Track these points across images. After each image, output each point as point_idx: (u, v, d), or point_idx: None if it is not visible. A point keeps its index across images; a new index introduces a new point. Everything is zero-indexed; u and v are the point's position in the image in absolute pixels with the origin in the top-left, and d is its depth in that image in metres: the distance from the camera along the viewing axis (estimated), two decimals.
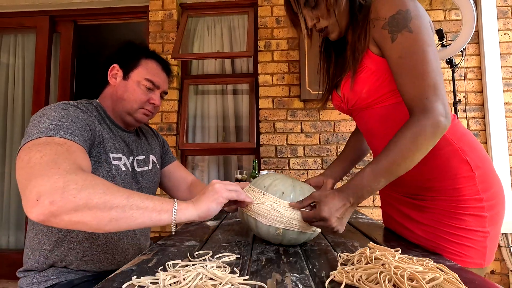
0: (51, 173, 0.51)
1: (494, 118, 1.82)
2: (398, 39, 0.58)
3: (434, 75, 0.55)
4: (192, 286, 0.41)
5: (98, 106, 0.84)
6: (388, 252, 0.49)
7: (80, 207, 0.50)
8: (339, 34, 0.69)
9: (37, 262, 0.74)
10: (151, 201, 0.55)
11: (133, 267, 0.52)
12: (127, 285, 0.43)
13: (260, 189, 0.65)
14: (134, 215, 0.53)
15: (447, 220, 0.62)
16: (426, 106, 0.55)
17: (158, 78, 0.86)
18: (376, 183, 0.57)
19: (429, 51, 0.56)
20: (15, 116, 2.20)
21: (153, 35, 2.04)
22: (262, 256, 0.59)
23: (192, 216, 0.58)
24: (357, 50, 0.64)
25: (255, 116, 1.98)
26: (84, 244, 0.76)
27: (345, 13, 0.66)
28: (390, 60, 0.60)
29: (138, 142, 0.93)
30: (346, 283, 0.43)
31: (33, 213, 0.49)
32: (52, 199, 0.48)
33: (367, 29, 0.63)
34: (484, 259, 0.60)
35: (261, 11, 2.02)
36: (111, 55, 0.87)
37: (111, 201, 0.52)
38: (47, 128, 0.62)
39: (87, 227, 0.52)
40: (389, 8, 0.59)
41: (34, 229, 0.77)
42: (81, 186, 0.51)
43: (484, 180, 0.62)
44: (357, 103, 0.69)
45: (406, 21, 0.57)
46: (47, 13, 2.13)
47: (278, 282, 0.45)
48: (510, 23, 1.89)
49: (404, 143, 0.55)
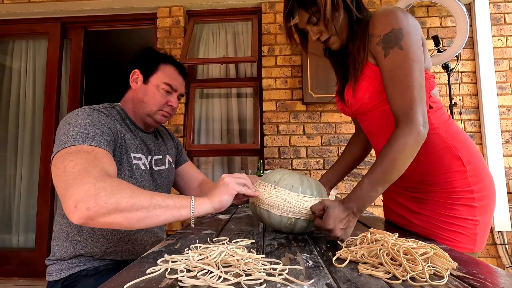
0: (83, 182, 0.59)
1: (488, 120, 1.89)
2: (390, 55, 0.65)
3: (418, 89, 0.63)
4: (218, 260, 0.48)
5: (120, 109, 0.90)
6: (387, 234, 0.56)
7: (112, 211, 0.57)
8: (341, 45, 0.77)
9: (66, 253, 0.81)
10: (171, 199, 0.62)
11: (162, 248, 0.59)
12: (161, 260, 0.50)
13: (271, 183, 0.71)
14: (158, 214, 0.60)
15: (442, 210, 0.69)
16: (410, 116, 0.63)
17: (175, 81, 0.93)
18: (374, 192, 0.63)
19: (415, 67, 0.64)
20: (26, 119, 2.27)
21: (160, 40, 2.12)
22: (274, 241, 0.65)
23: (208, 209, 0.65)
24: (357, 61, 0.71)
25: (259, 119, 2.06)
26: (108, 237, 0.83)
27: (345, 26, 0.74)
28: (382, 73, 0.68)
29: (156, 143, 0.99)
30: (350, 259, 0.50)
31: (74, 218, 0.57)
32: (88, 206, 0.56)
33: (365, 42, 0.70)
34: (475, 245, 0.67)
35: (265, 18, 2.11)
36: (132, 61, 0.94)
37: (137, 203, 0.59)
38: (75, 136, 0.69)
39: (120, 226, 0.59)
40: (384, 26, 0.66)
41: (61, 222, 0.83)
42: (110, 192, 0.58)
43: (475, 174, 0.69)
44: (361, 108, 0.76)
45: (397, 39, 0.65)
46: (58, 20, 2.21)
47: (291, 260, 0.52)
48: (503, 30, 1.98)
49: (393, 154, 0.62)
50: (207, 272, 0.45)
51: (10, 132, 2.29)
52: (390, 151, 0.63)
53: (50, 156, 2.08)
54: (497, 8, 1.99)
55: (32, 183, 2.23)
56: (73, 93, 2.20)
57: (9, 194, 2.27)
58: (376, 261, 0.47)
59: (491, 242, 1.85)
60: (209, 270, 0.45)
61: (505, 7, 1.99)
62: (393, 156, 0.62)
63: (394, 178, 0.64)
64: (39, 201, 2.11)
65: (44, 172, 2.12)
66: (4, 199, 2.27)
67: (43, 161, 2.13)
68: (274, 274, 0.44)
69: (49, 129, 2.14)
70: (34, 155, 2.25)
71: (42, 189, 2.11)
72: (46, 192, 2.11)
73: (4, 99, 2.32)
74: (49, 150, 2.13)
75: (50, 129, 2.14)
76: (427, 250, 0.47)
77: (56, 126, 2.16)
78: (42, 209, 2.09)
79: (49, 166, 2.10)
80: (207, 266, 0.46)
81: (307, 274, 0.45)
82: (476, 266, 0.48)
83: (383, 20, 0.67)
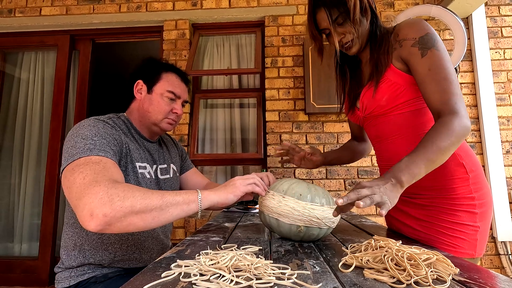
0: (95, 191, 0.61)
1: (489, 130, 1.92)
2: (428, 55, 0.69)
3: (458, 87, 0.66)
4: (229, 265, 0.50)
5: (125, 119, 0.93)
6: (390, 240, 0.58)
7: (128, 214, 0.60)
8: (359, 49, 0.80)
9: (75, 261, 0.82)
10: (180, 196, 0.67)
11: (173, 254, 0.61)
12: (174, 265, 0.52)
13: (279, 193, 0.74)
14: (170, 211, 0.65)
15: (444, 216, 0.71)
16: (456, 109, 0.64)
17: (178, 89, 0.95)
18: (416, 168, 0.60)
19: (451, 68, 0.68)
20: (32, 129, 2.31)
21: (166, 52, 2.18)
22: (281, 248, 0.67)
23: (213, 200, 0.71)
24: (381, 64, 0.75)
25: (262, 128, 2.09)
26: (116, 245, 0.84)
27: (366, 32, 0.78)
28: (420, 72, 0.69)
29: (160, 152, 1.01)
30: (356, 265, 0.52)
31: (91, 225, 0.59)
32: (104, 212, 0.58)
33: (389, 48, 0.74)
34: (475, 250, 0.69)
35: (268, 31, 2.17)
36: (135, 72, 0.96)
37: (150, 204, 0.63)
38: (83, 148, 0.71)
39: (137, 227, 0.62)
40: (418, 30, 0.71)
41: (69, 231, 0.85)
42: (123, 197, 0.61)
43: (476, 182, 0.72)
44: (375, 110, 0.79)
45: (434, 42, 0.69)
46: (68, 32, 2.28)
47: (298, 265, 0.54)
48: (500, 42, 2.03)
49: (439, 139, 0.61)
50: (219, 276, 0.47)
51: (16, 141, 2.33)
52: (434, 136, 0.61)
53: (56, 165, 2.13)
54: (494, 22, 2.05)
55: (37, 192, 2.26)
56: (80, 103, 2.24)
57: (13, 203, 2.28)
58: (381, 266, 0.49)
59: (495, 253, 1.85)
60: (221, 274, 0.47)
61: (501, 21, 2.05)
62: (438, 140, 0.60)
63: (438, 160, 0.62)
64: (44, 210, 2.12)
65: (50, 181, 2.15)
66: (8, 207, 2.29)
67: (48, 170, 2.16)
68: (283, 278, 0.46)
69: (56, 138, 2.18)
70: (39, 165, 2.28)
71: (47, 198, 2.13)
72: (51, 201, 2.12)
73: (12, 109, 2.37)
74: (55, 159, 2.16)
75: (56, 137, 2.18)
76: (430, 256, 0.49)
77: (63, 135, 2.20)
78: (47, 218, 2.11)
79: (54, 175, 2.14)
80: (219, 270, 0.48)
81: (315, 278, 0.47)
82: (477, 271, 0.50)
83: (415, 26, 0.72)
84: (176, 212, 0.66)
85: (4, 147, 2.35)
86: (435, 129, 0.63)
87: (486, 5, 2.06)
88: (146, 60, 0.99)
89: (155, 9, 2.23)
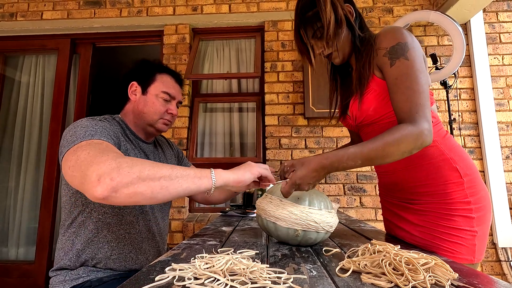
0: (103, 159, 0.60)
1: (488, 136, 1.91)
2: (396, 64, 0.69)
3: (423, 96, 0.65)
4: (224, 268, 0.49)
5: (120, 120, 0.93)
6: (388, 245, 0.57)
7: (135, 179, 0.58)
8: (342, 60, 0.80)
9: (70, 261, 0.82)
10: (191, 170, 0.65)
11: (168, 258, 0.60)
12: (169, 268, 0.51)
13: (277, 196, 0.73)
14: (180, 182, 0.62)
15: (440, 221, 0.70)
16: (415, 119, 0.63)
17: (173, 89, 0.95)
18: (353, 162, 0.63)
19: (421, 77, 0.67)
20: (32, 133, 2.30)
21: (166, 56, 2.19)
22: (278, 252, 0.67)
23: (228, 179, 0.68)
24: (363, 76, 0.75)
25: (261, 133, 2.09)
26: (112, 244, 0.84)
27: (348, 43, 0.78)
28: (388, 81, 0.70)
29: (155, 153, 1.01)
30: (353, 269, 0.51)
31: (98, 191, 0.56)
32: (111, 176, 0.56)
33: (371, 58, 0.74)
34: (474, 256, 0.68)
35: (268, 36, 2.18)
36: (129, 74, 0.97)
37: (159, 172, 0.60)
38: (84, 134, 0.71)
39: (143, 197, 0.59)
40: (390, 40, 0.70)
41: (66, 233, 0.85)
42: (131, 164, 0.59)
43: (472, 186, 0.71)
44: (365, 120, 0.79)
45: (403, 51, 0.68)
46: (68, 36, 2.30)
47: (295, 269, 0.53)
48: (499, 48, 2.04)
49: (389, 140, 0.62)
50: (214, 280, 0.46)
51: (15, 144, 2.32)
52: (388, 135, 0.62)
53: (54, 168, 2.12)
54: (492, 28, 2.06)
55: (34, 196, 2.24)
56: (79, 107, 2.25)
57: (9, 206, 2.27)
58: (378, 271, 0.48)
59: (495, 259, 1.83)
60: (216, 278, 0.46)
61: (500, 27, 2.06)
62: (388, 141, 0.62)
63: (378, 162, 0.64)
64: (42, 214, 2.11)
65: (48, 185, 2.14)
66: (4, 211, 2.27)
67: (47, 173, 2.15)
68: (279, 283, 0.45)
69: (55, 140, 2.18)
70: (37, 168, 2.27)
71: (45, 201, 2.12)
72: (49, 204, 2.11)
73: (11, 112, 2.37)
74: (54, 162, 2.15)
75: (56, 139, 2.18)
76: (428, 261, 0.49)
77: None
78: (44, 221, 2.09)
79: (53, 178, 2.13)
80: (214, 274, 0.47)
81: (311, 283, 0.46)
82: (476, 277, 0.50)
83: (388, 35, 0.71)
84: (186, 184, 0.62)
85: (2, 150, 2.34)
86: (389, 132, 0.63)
87: (484, 11, 2.08)
88: (139, 61, 0.99)
89: (156, 13, 2.25)
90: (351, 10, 0.77)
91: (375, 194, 1.95)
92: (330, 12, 0.72)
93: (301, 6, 0.76)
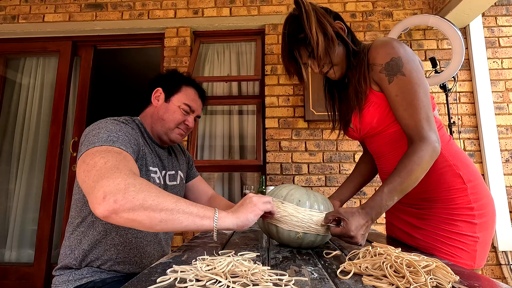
0: (114, 176, 0.60)
1: (487, 139, 1.92)
2: (394, 81, 0.69)
3: (425, 109, 0.67)
4: (226, 270, 0.49)
5: (139, 123, 0.94)
6: (389, 247, 0.57)
7: (138, 207, 0.57)
8: (340, 75, 0.81)
9: (76, 260, 0.82)
10: (195, 207, 0.62)
11: (170, 259, 0.60)
12: (170, 270, 0.51)
13: (278, 198, 0.73)
14: (180, 219, 0.60)
15: (443, 225, 0.70)
16: (423, 135, 0.66)
17: (195, 103, 0.98)
18: (391, 201, 0.67)
19: (420, 90, 0.68)
20: (32, 135, 2.30)
21: (167, 59, 2.19)
22: (279, 254, 0.67)
23: (231, 225, 0.64)
24: (359, 92, 0.75)
25: (261, 135, 2.09)
26: (119, 247, 0.84)
27: (343, 58, 0.78)
28: (389, 98, 0.72)
29: (169, 159, 1.02)
30: (354, 272, 0.51)
31: (99, 209, 0.57)
32: (116, 198, 0.56)
33: (365, 73, 0.74)
34: (474, 261, 0.68)
35: (268, 39, 2.19)
36: (156, 79, 0.99)
37: (162, 204, 0.59)
38: (106, 138, 0.72)
39: (141, 225, 0.58)
40: (383, 56, 0.71)
41: (75, 232, 0.84)
42: (139, 189, 0.59)
43: (475, 192, 0.71)
44: (369, 132, 0.79)
45: (399, 67, 0.69)
46: (70, 39, 2.31)
47: (296, 272, 0.53)
48: (498, 52, 2.05)
49: (411, 166, 0.66)
50: (216, 281, 0.46)
51: (15, 147, 2.32)
52: (408, 163, 0.66)
53: (54, 170, 2.12)
54: (491, 32, 2.08)
55: (33, 198, 2.24)
56: (80, 109, 2.25)
57: (9, 208, 2.26)
58: (379, 273, 0.48)
59: (496, 263, 1.83)
60: (218, 280, 0.46)
61: (498, 31, 2.07)
62: (410, 168, 0.65)
63: (409, 189, 0.67)
64: (41, 216, 2.10)
65: (48, 187, 2.13)
66: (4, 213, 2.26)
67: (47, 175, 2.15)
68: (280, 285, 0.45)
69: (55, 143, 2.18)
70: (37, 170, 2.27)
71: (44, 204, 2.11)
72: (48, 206, 2.11)
73: (12, 114, 2.37)
74: (54, 165, 2.15)
75: (56, 142, 2.18)
76: (429, 263, 0.49)
77: (62, 140, 2.20)
78: (44, 224, 2.09)
79: (52, 180, 2.13)
80: (215, 276, 0.47)
81: (312, 285, 0.46)
82: (477, 279, 0.50)
83: (381, 51, 0.72)
84: (186, 222, 0.60)
85: (3, 152, 2.34)
86: (407, 158, 0.67)
87: (483, 15, 2.09)
88: (169, 71, 1.03)
89: (157, 16, 2.26)
90: (342, 27, 0.77)
91: None
92: (317, 33, 0.72)
93: (291, 30, 0.76)
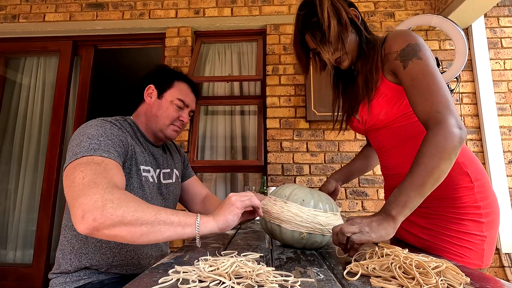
0: (91, 193, 0.60)
1: (490, 140, 1.91)
2: (409, 66, 0.67)
3: (443, 92, 0.63)
4: (229, 271, 0.48)
5: (131, 122, 0.93)
6: (397, 248, 0.56)
7: (117, 223, 0.58)
8: (350, 63, 0.80)
9: (71, 265, 0.80)
10: (176, 216, 0.62)
11: (171, 260, 0.59)
12: (172, 271, 0.50)
13: (282, 198, 0.72)
14: (162, 230, 0.60)
15: (450, 225, 0.69)
16: (438, 119, 0.61)
17: (188, 98, 0.96)
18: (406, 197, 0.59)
19: (437, 74, 0.65)
20: (32, 135, 2.29)
21: (168, 59, 2.18)
22: (283, 255, 0.65)
23: (213, 229, 0.64)
24: (370, 81, 0.74)
25: (263, 136, 2.08)
26: (115, 250, 0.82)
27: (355, 46, 0.77)
28: (404, 84, 0.68)
29: (164, 157, 1.01)
30: (362, 273, 0.50)
31: (81, 227, 0.58)
32: (94, 217, 0.57)
33: (377, 62, 0.73)
34: (482, 261, 0.66)
35: (269, 39, 2.18)
36: (147, 76, 0.98)
37: (142, 218, 0.59)
38: (87, 147, 0.70)
39: (123, 240, 0.60)
40: (401, 43, 0.70)
41: (68, 235, 0.83)
42: (117, 204, 0.59)
43: (482, 191, 0.70)
44: (375, 124, 0.78)
45: (415, 52, 0.67)
46: (70, 38, 2.30)
47: (301, 273, 0.52)
48: (500, 53, 2.04)
49: (426, 159, 0.59)
50: (219, 282, 0.45)
51: (15, 147, 2.30)
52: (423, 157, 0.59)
53: (54, 170, 2.11)
54: (493, 33, 2.07)
55: (33, 198, 2.22)
56: (80, 108, 2.24)
57: (8, 208, 2.25)
58: (388, 275, 0.47)
59: (499, 265, 1.81)
60: (221, 281, 0.45)
61: (501, 32, 2.07)
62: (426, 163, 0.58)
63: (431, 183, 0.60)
64: (40, 216, 2.08)
65: (47, 187, 2.12)
66: (3, 213, 2.24)
67: (46, 175, 2.13)
68: (286, 286, 0.44)
69: (55, 142, 2.16)
70: (37, 170, 2.25)
71: (43, 203, 2.10)
72: (47, 206, 2.09)
73: (12, 114, 2.36)
74: (54, 164, 2.14)
75: (56, 142, 2.16)
76: (439, 264, 0.47)
77: (62, 140, 2.18)
78: (43, 224, 2.07)
79: (52, 180, 2.11)
80: (219, 277, 0.46)
81: (319, 286, 0.45)
82: (488, 281, 0.48)
83: (398, 39, 0.71)
84: (167, 233, 0.60)
85: (2, 152, 2.33)
86: (421, 150, 0.60)
87: (486, 16, 2.08)
88: (159, 66, 1.01)
89: (158, 16, 2.25)
90: (356, 14, 0.77)
91: (377, 198, 1.93)
92: (330, 17, 0.72)
93: (304, 14, 0.76)
